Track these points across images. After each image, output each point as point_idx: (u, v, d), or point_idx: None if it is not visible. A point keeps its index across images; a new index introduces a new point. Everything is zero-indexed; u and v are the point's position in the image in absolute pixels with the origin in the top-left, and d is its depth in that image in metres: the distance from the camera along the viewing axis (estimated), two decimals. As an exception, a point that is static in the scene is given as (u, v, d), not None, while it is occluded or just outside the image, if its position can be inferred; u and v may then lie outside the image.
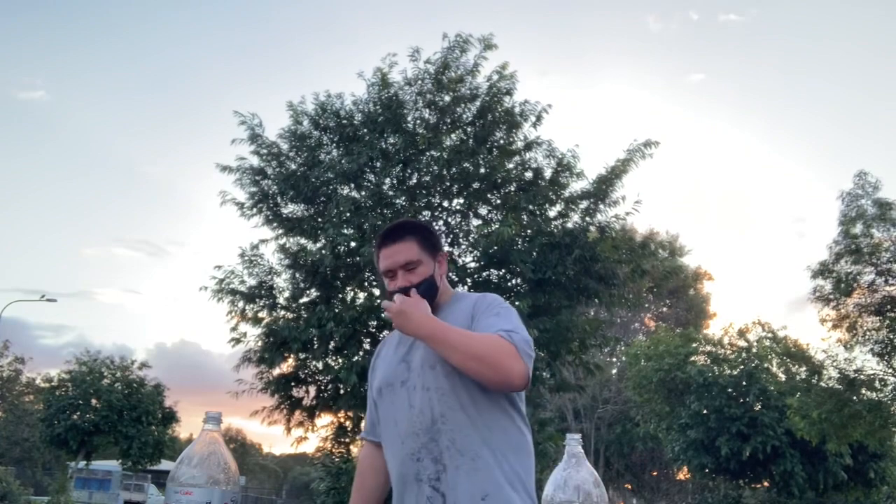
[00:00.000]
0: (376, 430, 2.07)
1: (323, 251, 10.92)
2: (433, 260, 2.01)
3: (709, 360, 22.66)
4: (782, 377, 19.60)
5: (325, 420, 11.91)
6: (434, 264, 2.01)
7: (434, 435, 1.82)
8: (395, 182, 11.75)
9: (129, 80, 72.94)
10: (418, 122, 11.79)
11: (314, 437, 12.01)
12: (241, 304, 11.35)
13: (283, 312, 11.51)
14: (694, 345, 23.13)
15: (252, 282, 11.48)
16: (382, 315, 10.92)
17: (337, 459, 11.96)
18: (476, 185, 11.52)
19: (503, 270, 11.44)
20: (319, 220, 11.48)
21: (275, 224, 11.66)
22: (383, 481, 2.07)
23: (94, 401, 22.96)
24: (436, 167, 11.41)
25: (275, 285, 11.63)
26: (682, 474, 29.97)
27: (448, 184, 11.65)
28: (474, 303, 1.97)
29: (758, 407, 21.12)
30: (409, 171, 11.63)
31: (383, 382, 1.98)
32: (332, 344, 10.86)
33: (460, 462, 1.79)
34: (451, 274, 11.45)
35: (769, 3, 62.07)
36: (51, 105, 70.18)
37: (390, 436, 1.92)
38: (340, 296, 11.59)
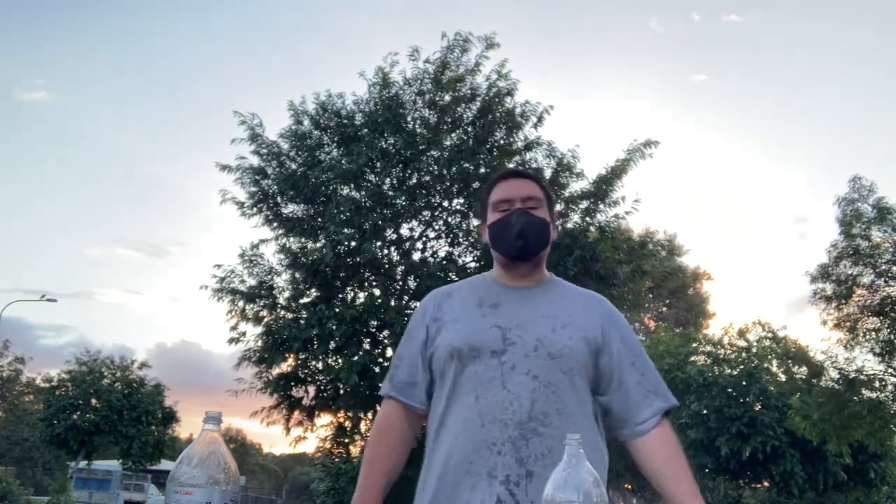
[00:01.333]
0: (414, 392, 1.76)
1: (323, 251, 10.93)
2: (550, 217, 1.79)
3: (709, 360, 22.67)
4: (782, 377, 19.60)
5: (324, 420, 11.91)
6: (551, 222, 1.79)
7: (527, 433, 1.57)
8: (395, 182, 11.76)
9: (131, 81, 73.01)
10: (418, 122, 11.80)
11: (313, 436, 12.02)
12: (241, 303, 11.36)
13: (283, 312, 11.51)
14: (694, 345, 23.15)
15: (252, 281, 11.49)
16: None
17: (337, 459, 11.96)
18: (476, 185, 11.52)
19: (503, 270, 11.44)
20: (319, 219, 11.49)
21: (275, 224, 11.67)
22: (406, 455, 1.77)
23: (94, 401, 22.98)
24: (436, 167, 11.42)
25: (275, 285, 11.64)
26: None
27: (448, 184, 11.65)
28: (604, 311, 1.76)
29: (758, 407, 21.13)
30: (409, 171, 11.63)
31: (466, 344, 1.66)
32: (331, 343, 10.87)
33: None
34: (451, 274, 11.46)
35: (770, 5, 62.12)
36: (53, 106, 70.25)
37: (463, 409, 1.62)
38: (340, 296, 11.60)
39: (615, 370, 1.68)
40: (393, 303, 11.34)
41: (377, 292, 11.62)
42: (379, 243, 11.44)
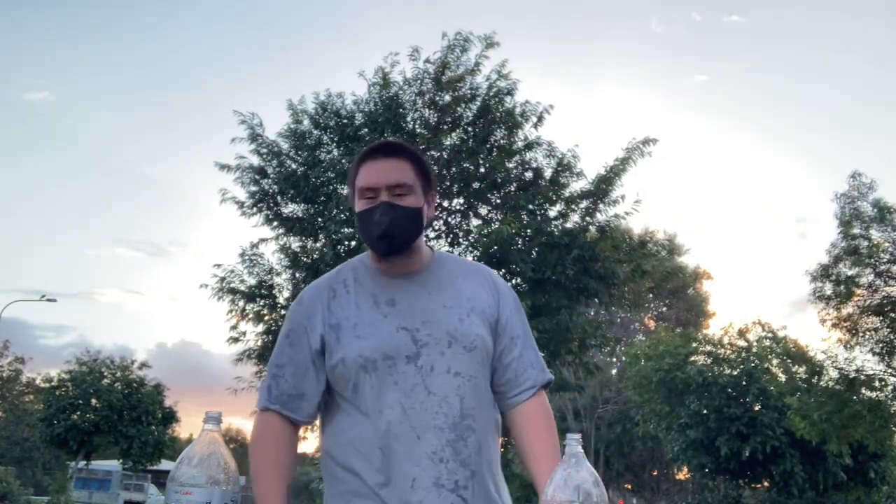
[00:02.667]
0: (301, 405, 1.58)
1: (323, 250, 10.93)
2: (424, 196, 1.62)
3: (709, 360, 22.69)
4: (782, 377, 19.61)
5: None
6: (424, 201, 1.62)
7: (463, 433, 1.51)
8: (395, 182, 11.75)
9: (133, 82, 72.96)
10: (418, 122, 11.80)
11: (313, 436, 12.02)
12: (241, 303, 11.36)
13: (283, 312, 11.51)
14: (694, 345, 23.16)
15: (252, 281, 11.49)
16: None
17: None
18: (476, 185, 11.52)
19: (503, 270, 11.44)
20: (320, 219, 11.49)
21: (275, 223, 11.67)
22: (294, 462, 1.59)
23: (94, 401, 22.99)
24: (436, 167, 11.42)
25: (275, 284, 11.64)
26: (682, 474, 30.02)
27: (448, 184, 11.65)
28: (492, 283, 1.69)
29: (757, 407, 21.14)
30: (409, 170, 11.63)
31: (377, 354, 1.52)
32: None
33: (492, 470, 1.56)
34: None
35: (771, 5, 62.11)
36: (55, 106, 70.21)
37: (396, 425, 1.50)
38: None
39: (502, 343, 1.64)
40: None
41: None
42: (379, 243, 11.43)
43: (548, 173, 11.60)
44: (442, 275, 1.66)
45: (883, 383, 14.53)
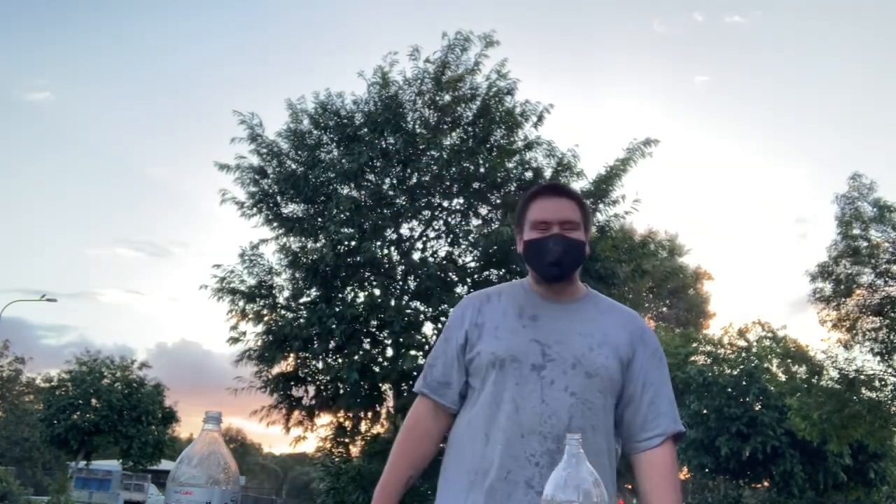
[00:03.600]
0: (448, 392, 1.80)
1: (323, 250, 10.92)
2: (586, 236, 1.81)
3: (709, 360, 22.68)
4: (782, 377, 19.60)
5: (324, 420, 11.90)
6: (586, 241, 1.81)
7: (564, 446, 1.63)
8: (395, 182, 11.76)
9: (134, 82, 73.01)
10: (418, 122, 11.79)
11: (313, 436, 12.02)
12: (241, 303, 11.36)
13: (283, 311, 11.52)
14: (694, 345, 23.16)
15: (252, 281, 11.49)
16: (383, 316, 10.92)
17: (337, 459, 11.96)
18: (476, 185, 11.52)
19: (503, 270, 11.45)
20: (319, 219, 11.49)
21: (275, 223, 11.67)
22: (433, 451, 1.82)
23: (94, 401, 22.98)
24: (436, 167, 11.41)
25: (275, 284, 11.64)
26: (682, 474, 29.99)
27: (448, 184, 11.65)
28: (636, 327, 1.81)
29: (758, 407, 21.14)
30: (409, 170, 11.63)
31: (508, 354, 1.71)
32: (331, 343, 10.86)
33: None
34: (451, 274, 11.46)
35: (772, 5, 62.11)
36: (55, 106, 70.27)
37: (505, 419, 1.66)
38: (340, 295, 11.60)
39: (633, 386, 1.75)
40: (393, 302, 11.34)
41: (377, 292, 11.61)
42: (379, 243, 11.44)
43: (548, 173, 11.59)
44: (588, 308, 1.81)
45: (883, 383, 14.52)
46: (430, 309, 11.33)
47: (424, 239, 12.09)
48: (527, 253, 1.79)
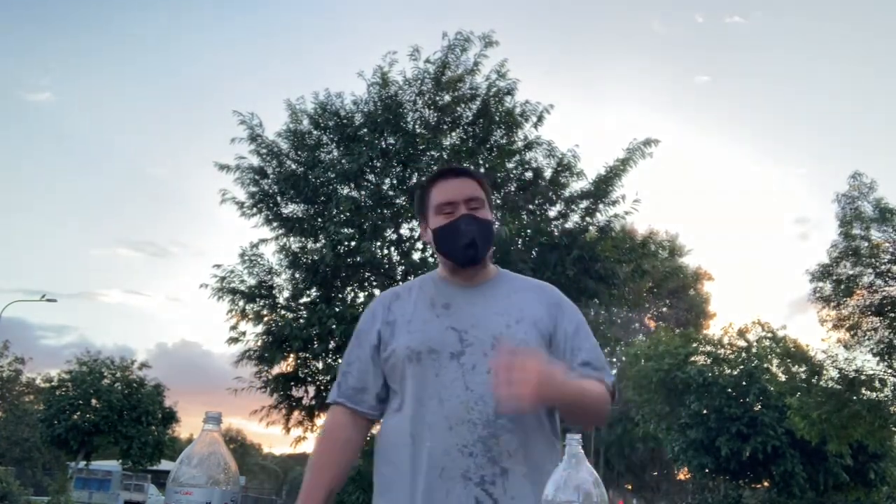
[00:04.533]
0: (364, 397, 1.73)
1: (323, 251, 10.92)
2: (490, 210, 1.76)
3: (709, 360, 22.67)
4: (782, 377, 19.61)
5: (324, 420, 11.90)
6: (491, 216, 1.76)
7: (496, 431, 1.56)
8: (395, 182, 11.76)
9: (135, 82, 73.04)
10: (418, 122, 11.80)
11: (313, 436, 12.01)
12: (241, 303, 11.35)
13: (283, 311, 11.52)
14: (694, 345, 23.14)
15: (252, 281, 11.49)
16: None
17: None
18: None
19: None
20: (319, 219, 11.49)
21: (275, 224, 11.67)
22: (354, 460, 1.75)
23: (94, 401, 22.97)
24: (436, 167, 11.41)
25: (275, 284, 11.64)
26: (683, 474, 29.98)
27: (448, 184, 11.64)
28: (552, 299, 1.75)
29: (758, 407, 21.13)
30: (409, 171, 11.63)
31: (423, 347, 1.64)
32: (332, 343, 10.86)
33: (527, 471, 1.56)
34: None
35: (773, 6, 62.10)
36: (56, 106, 70.30)
37: (430, 414, 1.59)
38: (340, 295, 11.60)
39: (562, 354, 1.68)
40: (393, 303, 11.32)
41: (377, 292, 11.61)
42: (379, 243, 11.44)
43: (548, 173, 11.59)
44: (501, 287, 1.75)
45: (883, 383, 14.52)
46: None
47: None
48: (437, 240, 1.72)
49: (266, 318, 11.40)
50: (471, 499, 1.52)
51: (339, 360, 11.31)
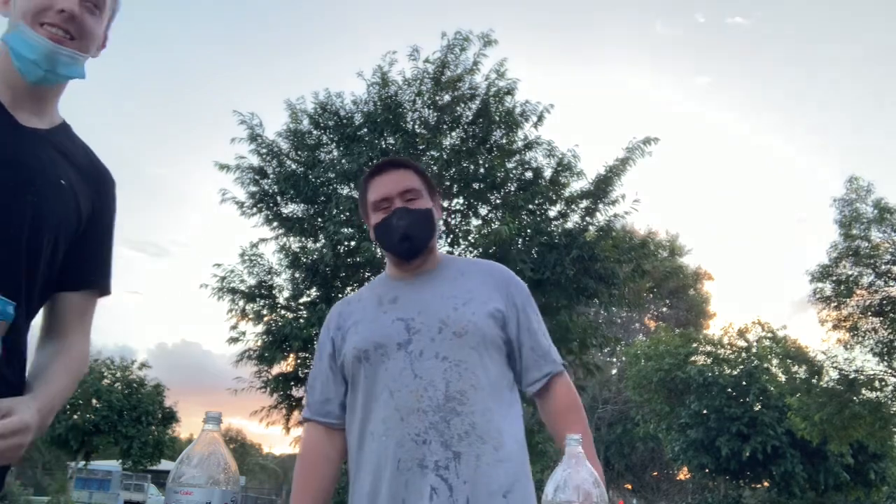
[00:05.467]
0: (329, 408, 1.73)
1: (323, 250, 10.93)
2: (433, 203, 1.75)
3: (709, 360, 22.68)
4: (782, 377, 19.62)
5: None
6: (434, 208, 1.75)
7: (447, 415, 1.55)
8: (394, 182, 11.76)
9: (134, 82, 73.04)
10: (418, 122, 11.80)
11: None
12: (241, 303, 11.36)
13: (283, 311, 11.52)
14: (694, 345, 23.15)
15: (252, 281, 11.50)
16: None
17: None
18: (476, 185, 11.52)
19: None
20: (319, 219, 11.49)
21: (275, 223, 11.68)
22: (335, 473, 1.74)
23: (94, 401, 22.99)
24: (435, 167, 11.42)
25: (274, 284, 11.65)
26: (683, 474, 30.01)
27: (448, 184, 11.65)
28: (501, 278, 1.76)
29: (758, 407, 21.13)
30: (408, 171, 11.64)
31: (370, 343, 1.64)
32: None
33: (482, 451, 1.54)
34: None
35: (774, 7, 62.11)
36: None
37: (381, 409, 1.59)
38: (340, 295, 11.60)
39: (513, 335, 1.70)
40: (393, 303, 11.33)
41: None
42: (379, 243, 11.44)
43: (547, 173, 11.59)
44: (447, 272, 1.75)
45: (883, 384, 14.52)
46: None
47: (424, 239, 12.08)
48: (377, 237, 1.73)
49: (266, 318, 11.41)
50: (426, 486, 1.50)
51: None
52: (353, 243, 11.00)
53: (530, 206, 11.22)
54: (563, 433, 1.52)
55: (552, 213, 11.50)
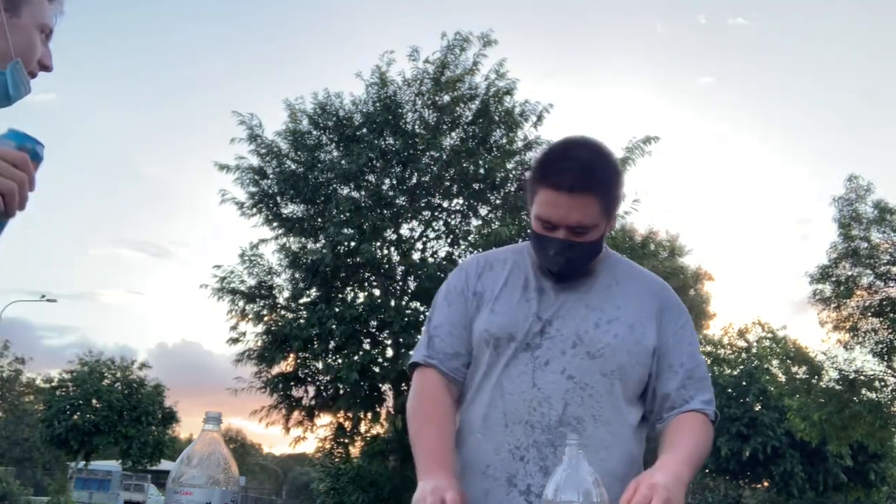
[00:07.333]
0: (457, 364, 1.50)
1: (323, 251, 10.94)
2: (606, 223, 1.47)
3: (709, 361, 22.69)
4: (782, 378, 19.60)
5: (324, 420, 11.91)
6: (605, 227, 1.47)
7: (555, 439, 1.37)
8: (394, 182, 11.77)
9: (134, 83, 73.10)
10: (418, 122, 11.81)
11: (313, 437, 12.02)
12: (241, 303, 11.37)
13: (283, 312, 11.53)
14: (694, 345, 23.14)
15: (252, 281, 11.50)
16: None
17: (337, 459, 11.97)
18: (476, 185, 11.52)
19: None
20: (319, 219, 11.50)
21: (275, 224, 11.69)
22: (455, 419, 1.51)
23: (94, 401, 23.00)
24: (435, 167, 11.42)
25: (274, 285, 11.65)
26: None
27: (448, 184, 11.66)
28: (662, 299, 1.52)
29: (758, 407, 21.14)
30: (408, 171, 11.64)
31: (504, 332, 1.45)
32: (332, 343, 10.87)
33: None
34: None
35: (775, 8, 62.15)
36: (56, 106, 70.27)
37: (485, 405, 1.44)
38: (340, 296, 11.60)
39: (655, 367, 1.48)
40: (393, 303, 11.35)
41: (377, 292, 11.62)
42: (379, 243, 11.45)
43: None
44: (604, 279, 1.52)
45: (883, 384, 14.51)
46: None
47: (424, 239, 12.10)
48: (532, 244, 1.52)
49: (266, 319, 11.42)
50: None
51: (339, 361, 11.36)
52: (352, 243, 11.00)
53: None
54: (667, 446, 1.39)
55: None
